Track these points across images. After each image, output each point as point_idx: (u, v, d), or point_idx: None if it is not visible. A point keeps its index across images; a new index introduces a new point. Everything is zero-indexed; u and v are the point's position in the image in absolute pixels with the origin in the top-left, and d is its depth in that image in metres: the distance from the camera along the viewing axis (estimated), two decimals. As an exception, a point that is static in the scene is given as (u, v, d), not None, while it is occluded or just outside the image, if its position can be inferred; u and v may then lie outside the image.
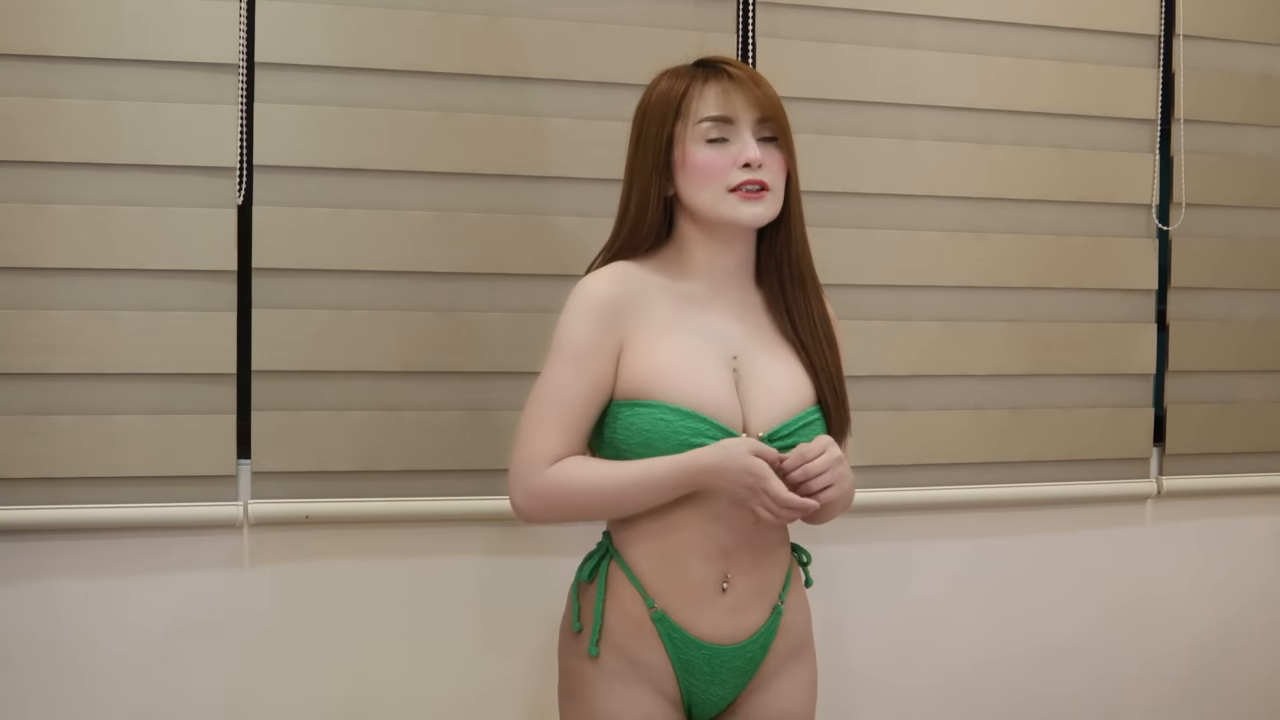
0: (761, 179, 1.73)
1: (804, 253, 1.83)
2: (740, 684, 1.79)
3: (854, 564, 2.45)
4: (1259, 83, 2.65)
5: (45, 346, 2.03)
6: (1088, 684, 2.62)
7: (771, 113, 1.76)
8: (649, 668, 1.74)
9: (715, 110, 1.74)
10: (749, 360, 1.77)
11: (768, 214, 1.76)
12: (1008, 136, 2.49)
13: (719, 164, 1.73)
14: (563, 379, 1.71)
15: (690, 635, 1.74)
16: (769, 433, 1.72)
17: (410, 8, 2.16)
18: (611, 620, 1.75)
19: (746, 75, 1.77)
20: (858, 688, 2.47)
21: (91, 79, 2.03)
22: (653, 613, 1.73)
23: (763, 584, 1.78)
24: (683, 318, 1.76)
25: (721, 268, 1.80)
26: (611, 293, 1.74)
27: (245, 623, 2.15)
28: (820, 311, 1.83)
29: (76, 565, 2.08)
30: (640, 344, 1.73)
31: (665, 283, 1.78)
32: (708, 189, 1.74)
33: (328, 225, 2.13)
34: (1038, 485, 2.53)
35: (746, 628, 1.77)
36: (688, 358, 1.72)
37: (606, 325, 1.72)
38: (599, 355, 1.72)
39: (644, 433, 1.69)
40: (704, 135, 1.74)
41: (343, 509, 2.15)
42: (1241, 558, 2.71)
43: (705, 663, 1.75)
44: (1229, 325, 2.66)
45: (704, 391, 1.70)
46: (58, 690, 2.08)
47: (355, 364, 2.15)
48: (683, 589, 1.73)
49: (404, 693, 2.22)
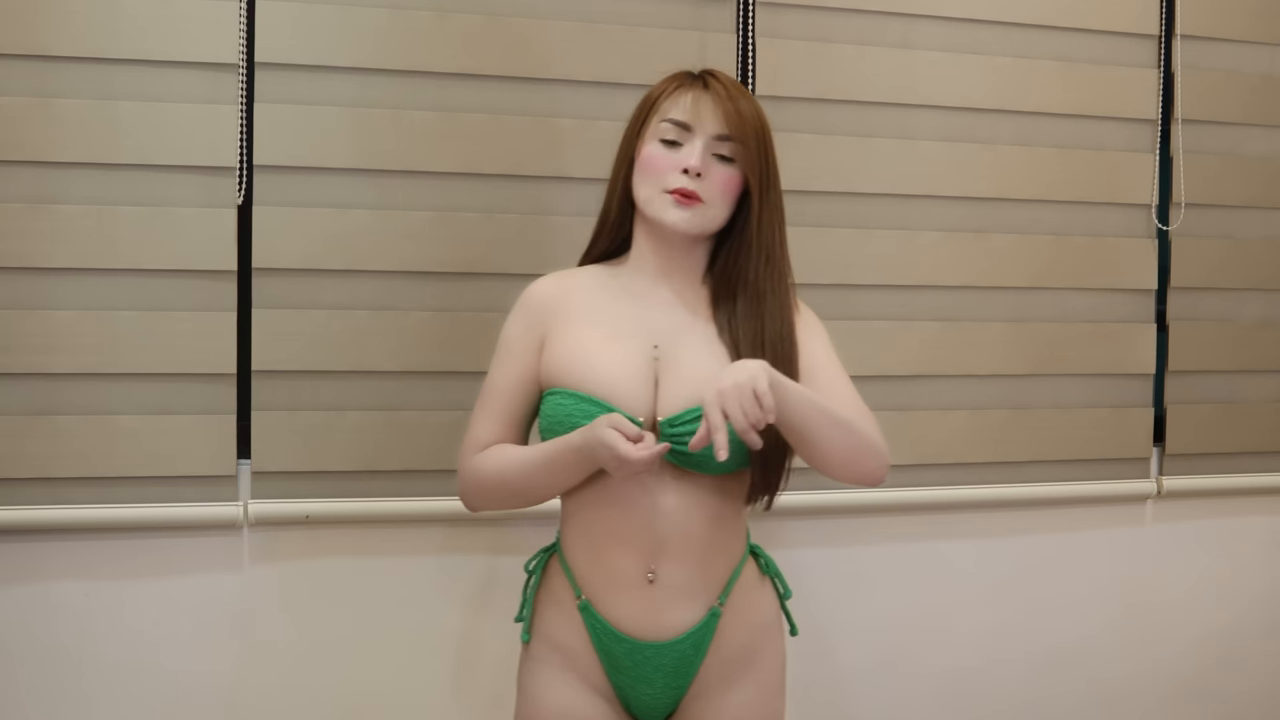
0: (696, 190, 1.73)
1: (768, 271, 1.77)
2: (675, 686, 1.76)
3: (853, 564, 2.45)
4: (1259, 83, 2.65)
5: (45, 346, 2.03)
6: (1088, 684, 2.61)
7: (735, 132, 1.74)
8: (574, 655, 1.76)
9: (677, 114, 1.75)
10: (671, 351, 1.75)
11: (696, 223, 1.74)
12: (1007, 136, 2.49)
13: (662, 163, 1.74)
14: (494, 373, 1.81)
15: (612, 627, 1.74)
16: (669, 417, 1.71)
17: (411, 8, 2.16)
18: (544, 609, 1.80)
19: (725, 91, 1.76)
20: (858, 688, 2.47)
21: (91, 79, 2.03)
22: (579, 602, 1.76)
23: (698, 581, 1.74)
24: (609, 312, 1.78)
25: (660, 268, 1.80)
26: (542, 293, 1.82)
27: (245, 623, 2.15)
28: (776, 330, 1.76)
29: (76, 565, 2.08)
30: (560, 335, 1.77)
31: (607, 282, 1.82)
32: (646, 184, 1.76)
33: (328, 225, 2.13)
34: (1038, 485, 2.53)
35: (675, 625, 1.74)
36: (599, 347, 1.75)
37: (531, 321, 1.80)
38: (523, 349, 1.79)
39: (549, 418, 1.74)
40: (661, 134, 1.76)
41: (343, 509, 2.15)
42: (1241, 558, 2.71)
43: (627, 657, 1.74)
44: (1229, 325, 2.66)
45: (606, 377, 1.72)
46: (57, 690, 2.08)
47: (355, 364, 2.15)
48: (608, 580, 1.74)
49: (404, 692, 2.22)
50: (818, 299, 2.38)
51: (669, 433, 1.69)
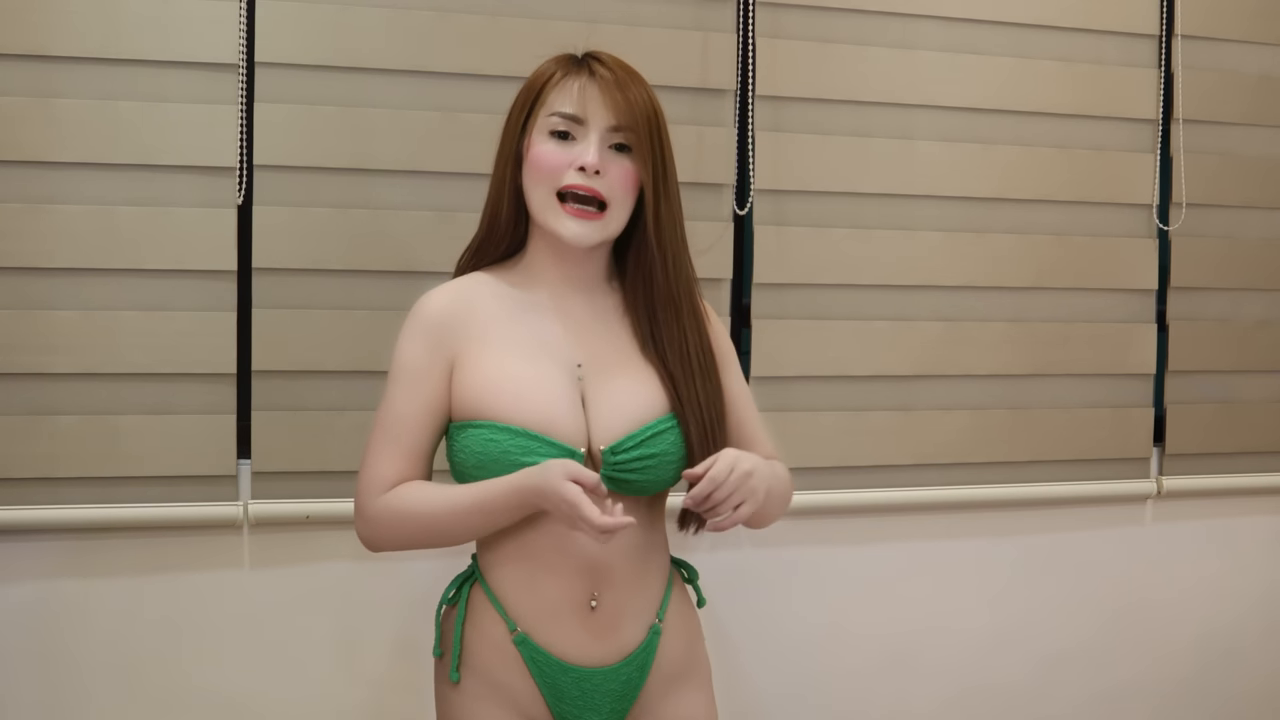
0: (596, 188, 1.62)
1: (675, 274, 1.68)
2: (620, 709, 1.68)
3: (854, 564, 2.45)
4: (1259, 83, 2.65)
5: (45, 346, 2.02)
6: (1088, 684, 2.61)
7: (627, 121, 1.63)
8: (513, 692, 1.65)
9: (566, 106, 1.64)
10: (594, 371, 1.66)
11: (597, 236, 1.64)
12: (1008, 136, 2.48)
13: (555, 160, 1.63)
14: (395, 401, 1.65)
15: (555, 658, 1.64)
16: (612, 445, 1.61)
17: (410, 8, 2.16)
18: (473, 644, 1.66)
19: (614, 77, 1.65)
20: (858, 688, 2.47)
21: (91, 79, 2.03)
22: (514, 635, 1.64)
23: (638, 602, 1.67)
24: (521, 329, 1.66)
25: (563, 276, 1.69)
26: (442, 311, 1.66)
27: (245, 623, 2.15)
28: (698, 341, 1.70)
29: (76, 565, 2.07)
30: (471, 361, 1.64)
31: (508, 292, 1.69)
32: (539, 186, 1.64)
33: (328, 225, 2.13)
34: (1038, 485, 2.53)
35: (619, 649, 1.66)
36: (522, 372, 1.63)
37: (435, 345, 1.65)
38: (429, 376, 1.64)
39: (477, 455, 1.60)
40: (550, 128, 1.64)
41: (343, 509, 2.14)
42: (1241, 558, 2.71)
43: (574, 686, 1.65)
44: (1229, 325, 2.66)
45: (537, 407, 1.60)
46: (57, 690, 2.08)
47: (355, 364, 2.15)
48: (546, 610, 1.63)
49: (404, 692, 2.22)
50: (818, 299, 2.40)
51: (611, 461, 1.61)
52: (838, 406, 2.40)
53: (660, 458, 1.64)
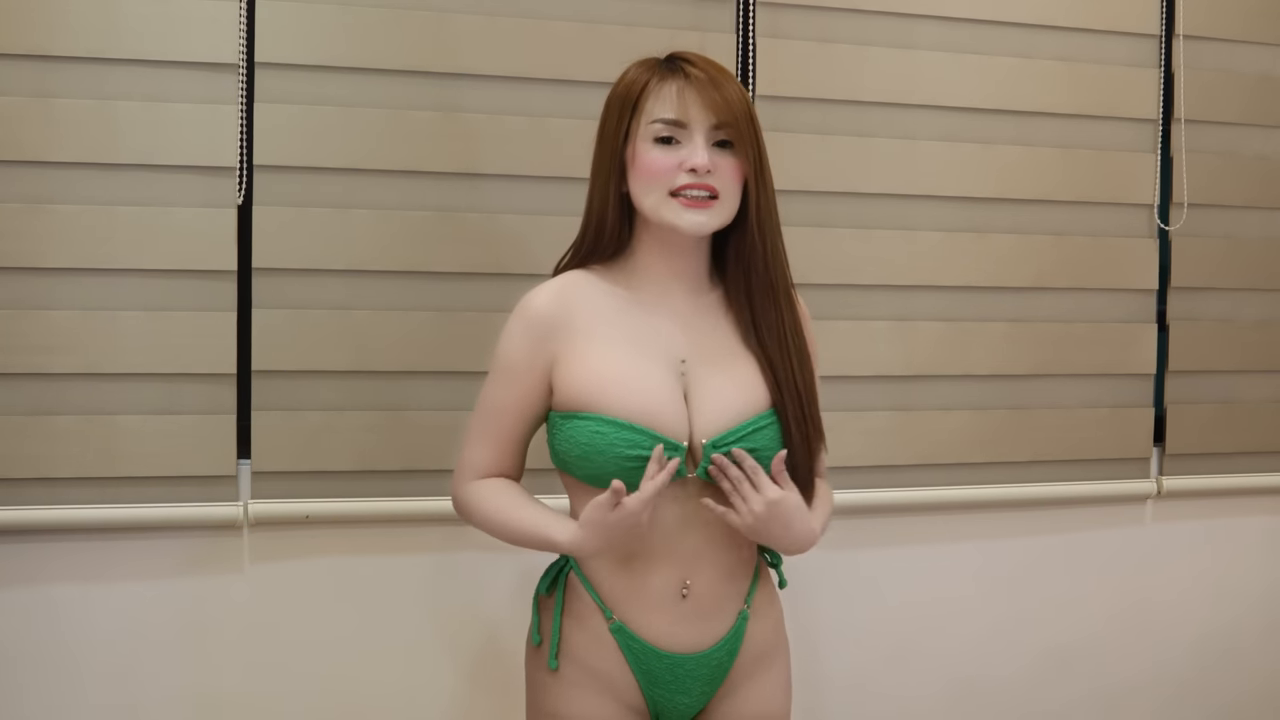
0: (709, 185, 1.67)
1: (774, 262, 1.74)
2: (708, 691, 1.75)
3: (854, 564, 2.45)
4: (1259, 83, 2.65)
5: (45, 346, 2.02)
6: (1088, 684, 2.61)
7: (727, 118, 1.68)
8: (610, 679, 1.71)
9: (668, 112, 1.68)
10: (697, 365, 1.71)
11: (713, 223, 1.69)
12: (1008, 136, 2.48)
13: (664, 165, 1.67)
14: (494, 393, 1.74)
15: (651, 645, 1.70)
16: (714, 439, 1.66)
17: (410, 8, 2.16)
18: (570, 632, 1.73)
19: (708, 76, 1.69)
20: (858, 688, 2.47)
21: (91, 79, 2.03)
22: (611, 624, 1.71)
23: (727, 589, 1.73)
24: (625, 325, 1.71)
25: (670, 271, 1.74)
26: (546, 310, 1.72)
27: (245, 623, 2.15)
28: (793, 324, 1.76)
29: (76, 566, 2.07)
30: (576, 355, 1.69)
31: (612, 289, 1.74)
32: (651, 191, 1.68)
33: (328, 225, 2.13)
34: (1038, 485, 2.53)
35: (710, 635, 1.72)
36: (628, 366, 1.68)
37: (537, 343, 1.71)
38: (528, 373, 1.71)
39: (582, 445, 1.66)
40: (654, 135, 1.68)
41: (343, 509, 2.15)
42: (1241, 558, 2.71)
43: (668, 672, 1.71)
44: (1229, 325, 2.66)
45: (643, 401, 1.65)
46: (57, 690, 2.08)
47: (355, 364, 2.15)
48: (640, 598, 1.70)
49: (404, 692, 2.22)
50: (818, 299, 2.38)
51: (712, 454, 1.66)
52: (838, 406, 2.40)
53: (759, 453, 1.68)
